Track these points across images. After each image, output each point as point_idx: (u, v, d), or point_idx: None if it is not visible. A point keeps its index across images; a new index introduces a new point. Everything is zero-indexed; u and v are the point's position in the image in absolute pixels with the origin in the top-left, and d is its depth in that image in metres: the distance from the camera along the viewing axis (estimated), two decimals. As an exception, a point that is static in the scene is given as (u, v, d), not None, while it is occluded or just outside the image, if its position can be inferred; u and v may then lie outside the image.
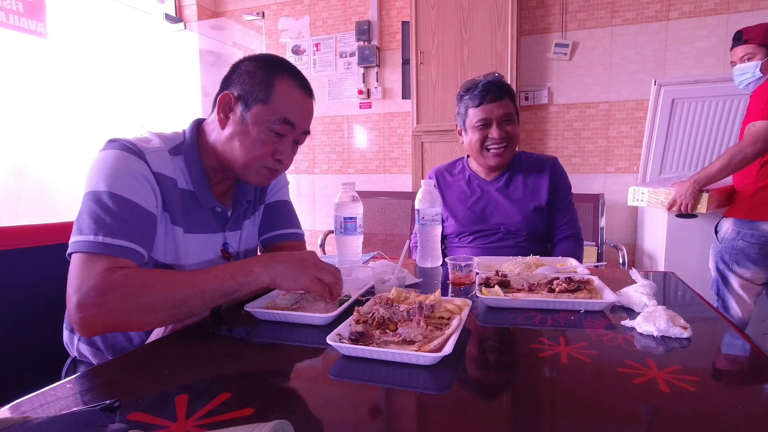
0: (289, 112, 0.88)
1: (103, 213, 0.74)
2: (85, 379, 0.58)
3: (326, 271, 0.80)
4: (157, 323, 0.74)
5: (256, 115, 0.86)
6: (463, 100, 1.43)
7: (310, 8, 3.31)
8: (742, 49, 1.72)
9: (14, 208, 2.35)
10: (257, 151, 0.87)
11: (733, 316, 1.77)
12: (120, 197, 0.76)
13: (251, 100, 0.86)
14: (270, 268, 0.78)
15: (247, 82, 0.86)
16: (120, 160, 0.79)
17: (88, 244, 0.72)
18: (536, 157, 1.50)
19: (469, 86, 1.42)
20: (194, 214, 0.90)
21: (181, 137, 0.91)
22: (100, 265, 0.71)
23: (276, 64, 0.88)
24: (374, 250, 1.60)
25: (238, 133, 0.86)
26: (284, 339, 0.72)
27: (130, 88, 2.99)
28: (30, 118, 2.40)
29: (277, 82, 0.86)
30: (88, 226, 0.73)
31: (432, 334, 0.65)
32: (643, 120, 2.61)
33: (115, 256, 0.72)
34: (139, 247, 0.76)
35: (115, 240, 0.73)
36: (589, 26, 2.72)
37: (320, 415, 0.49)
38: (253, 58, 0.89)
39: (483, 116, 1.37)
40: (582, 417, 0.48)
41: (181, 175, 0.88)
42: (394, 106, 3.18)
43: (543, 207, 1.43)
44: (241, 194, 0.99)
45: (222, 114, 0.87)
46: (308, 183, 3.47)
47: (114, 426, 0.39)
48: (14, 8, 2.26)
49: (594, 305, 0.80)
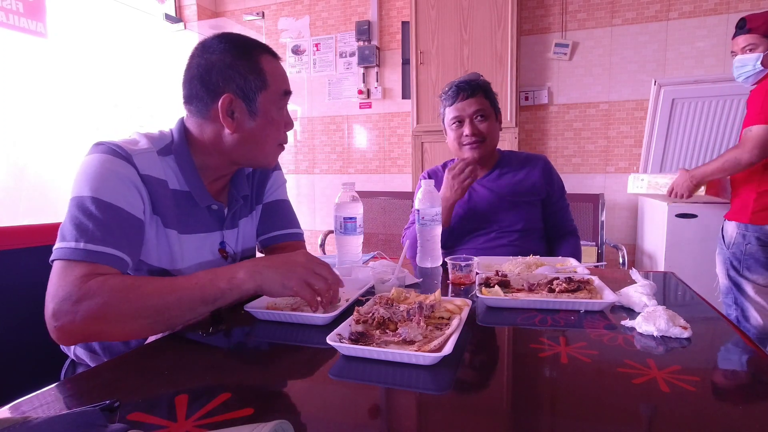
0: (283, 83, 0.89)
1: (86, 219, 0.73)
2: (84, 380, 0.58)
3: (317, 276, 0.76)
4: (135, 333, 0.71)
5: (263, 103, 0.86)
6: (441, 102, 1.48)
7: (310, 8, 3.31)
8: (744, 39, 1.64)
9: (14, 208, 2.35)
10: (277, 133, 0.90)
11: (754, 326, 1.68)
12: (104, 203, 0.74)
13: (251, 92, 0.84)
14: (256, 274, 0.74)
15: (237, 77, 0.84)
16: (105, 165, 0.77)
17: (69, 251, 0.70)
18: (525, 155, 1.53)
19: (446, 88, 1.46)
20: (189, 215, 0.88)
21: (169, 137, 0.89)
22: (77, 271, 0.69)
23: (246, 47, 0.86)
24: (374, 250, 1.60)
25: (256, 129, 0.86)
26: (284, 339, 0.72)
27: (130, 88, 2.99)
28: (30, 118, 2.40)
29: (262, 63, 0.86)
30: (70, 233, 0.72)
31: (432, 334, 0.65)
32: (643, 120, 2.61)
33: (94, 262, 0.71)
34: (122, 254, 0.74)
35: (97, 246, 0.71)
36: (589, 26, 2.72)
37: (320, 415, 0.49)
38: (218, 50, 0.84)
39: (455, 114, 1.42)
40: (582, 417, 0.48)
41: (173, 176, 0.86)
42: (394, 106, 3.18)
43: (537, 201, 1.44)
44: (236, 191, 0.97)
45: (227, 117, 0.85)
46: (308, 183, 3.47)
47: (114, 426, 0.39)
48: (14, 8, 2.26)
49: (594, 305, 0.80)
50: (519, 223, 1.41)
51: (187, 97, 0.88)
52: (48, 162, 2.47)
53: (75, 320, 0.67)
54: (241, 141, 0.87)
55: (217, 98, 0.84)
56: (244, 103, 0.85)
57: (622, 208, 2.76)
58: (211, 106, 0.85)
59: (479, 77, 1.47)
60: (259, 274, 0.74)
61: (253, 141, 0.88)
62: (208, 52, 0.85)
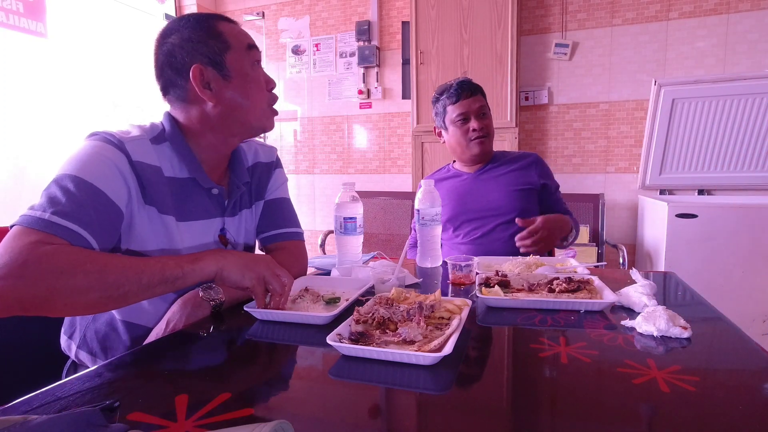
0: (244, 38, 0.89)
1: (61, 194, 0.69)
2: (85, 380, 0.58)
3: (276, 277, 0.79)
4: (84, 306, 0.67)
5: (232, 63, 0.85)
6: (439, 101, 1.53)
7: (310, 8, 3.31)
8: None
9: (14, 208, 2.35)
10: (259, 91, 0.89)
11: None
12: (84, 182, 0.71)
13: (216, 55, 0.84)
14: (220, 258, 0.76)
15: (200, 48, 0.83)
16: (95, 149, 0.76)
17: (31, 219, 0.66)
18: (517, 153, 1.61)
19: (444, 88, 1.53)
20: (187, 201, 0.87)
21: (160, 127, 0.88)
22: (32, 237, 0.64)
23: (200, 19, 0.86)
24: (374, 250, 1.60)
25: (237, 92, 0.86)
26: (284, 339, 0.72)
27: (130, 88, 3.00)
28: (30, 118, 2.40)
29: (219, 27, 0.86)
30: (39, 204, 0.69)
31: (432, 334, 0.65)
32: (643, 120, 2.61)
33: (53, 235, 0.66)
34: (88, 235, 0.69)
35: (63, 220, 0.67)
36: (589, 26, 2.72)
37: (320, 415, 0.49)
38: (176, 30, 0.85)
39: (462, 110, 1.47)
40: (582, 417, 0.48)
41: (168, 163, 0.85)
42: (394, 106, 3.18)
43: (532, 191, 1.49)
44: (236, 177, 0.97)
45: (205, 89, 0.84)
46: (308, 183, 3.47)
47: (114, 426, 0.39)
48: (14, 8, 2.26)
49: (594, 305, 0.80)
50: (515, 208, 1.44)
51: (163, 89, 0.88)
52: (48, 162, 2.47)
53: (17, 285, 0.61)
54: (227, 110, 0.86)
55: (188, 75, 0.83)
56: (214, 70, 0.84)
57: (622, 208, 2.76)
58: (185, 86, 0.85)
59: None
60: (224, 259, 0.76)
61: (238, 107, 0.87)
62: (167, 36, 0.86)
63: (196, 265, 0.73)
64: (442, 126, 1.55)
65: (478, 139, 1.47)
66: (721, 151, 2.41)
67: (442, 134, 1.57)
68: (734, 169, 2.44)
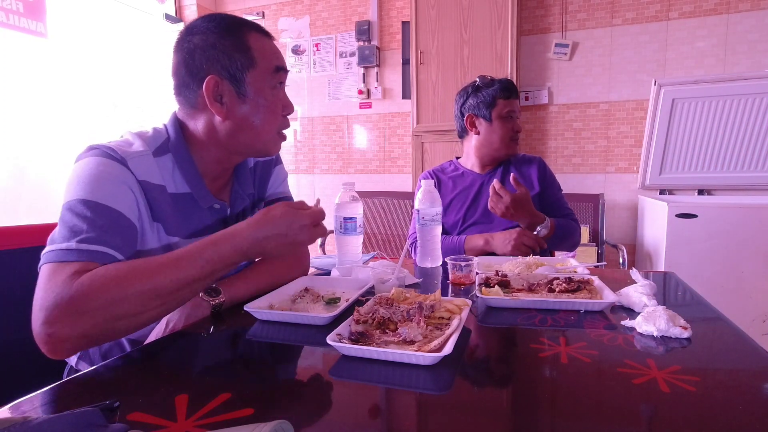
0: (274, 59, 0.84)
1: (79, 221, 0.68)
2: (84, 380, 0.58)
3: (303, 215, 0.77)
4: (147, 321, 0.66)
5: (253, 83, 0.81)
6: (484, 91, 1.50)
7: (310, 8, 3.31)
8: None
9: (14, 208, 2.35)
10: (273, 116, 0.85)
11: None
12: (99, 204, 0.70)
13: (237, 71, 0.79)
14: (257, 248, 0.75)
15: (222, 59, 0.79)
16: (99, 167, 0.73)
17: (60, 253, 0.65)
18: (523, 155, 1.62)
19: (488, 81, 1.52)
20: (190, 218, 0.85)
21: (164, 134, 0.84)
22: (67, 271, 0.62)
23: (232, 25, 0.81)
24: (374, 250, 1.60)
25: (249, 113, 0.82)
26: (284, 339, 0.72)
27: (129, 88, 3.00)
28: (30, 118, 2.40)
29: (249, 40, 0.81)
30: (61, 235, 0.67)
31: (432, 334, 0.65)
32: (643, 120, 2.61)
33: (86, 261, 0.65)
34: (119, 255, 0.69)
35: (91, 246, 0.66)
36: (589, 26, 2.72)
37: (320, 415, 0.49)
38: (202, 31, 0.80)
39: (512, 108, 1.50)
40: (582, 417, 0.48)
41: (170, 179, 0.82)
42: (394, 106, 3.18)
43: (535, 195, 1.50)
44: (240, 188, 0.94)
45: (216, 102, 0.80)
46: (308, 183, 3.47)
47: (114, 426, 0.39)
48: (14, 8, 2.26)
49: (594, 305, 0.80)
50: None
51: (176, 87, 0.84)
52: (48, 162, 2.47)
53: (76, 322, 0.60)
54: (235, 128, 0.82)
55: (202, 83, 0.79)
56: (231, 85, 0.80)
57: (622, 208, 2.76)
58: (197, 92, 0.81)
59: None
60: (259, 246, 0.75)
61: (248, 127, 0.83)
62: (191, 33, 0.81)
63: (238, 262, 0.74)
64: (485, 117, 1.50)
65: (516, 140, 1.51)
66: (721, 151, 2.41)
67: (476, 124, 1.53)
68: (734, 169, 2.44)
